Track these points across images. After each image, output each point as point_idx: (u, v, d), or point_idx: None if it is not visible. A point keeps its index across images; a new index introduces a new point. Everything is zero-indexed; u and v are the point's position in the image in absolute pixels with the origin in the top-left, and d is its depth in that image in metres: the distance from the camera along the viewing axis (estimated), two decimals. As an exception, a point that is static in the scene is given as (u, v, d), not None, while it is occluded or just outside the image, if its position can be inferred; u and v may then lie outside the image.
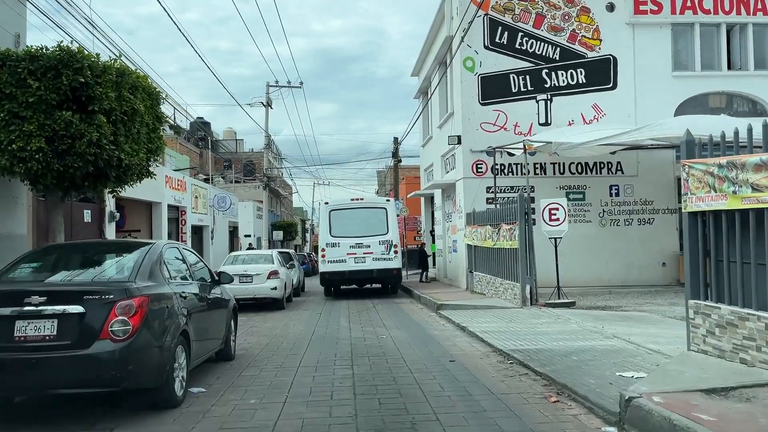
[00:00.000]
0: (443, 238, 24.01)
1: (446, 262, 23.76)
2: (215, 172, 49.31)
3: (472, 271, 18.86)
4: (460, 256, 20.60)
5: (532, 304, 13.75)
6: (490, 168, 19.84)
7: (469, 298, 16.65)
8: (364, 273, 20.33)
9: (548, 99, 20.02)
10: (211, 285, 8.41)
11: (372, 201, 22.55)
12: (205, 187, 23.44)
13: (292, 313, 16.55)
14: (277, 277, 16.86)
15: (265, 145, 36.40)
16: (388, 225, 20.82)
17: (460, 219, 20.37)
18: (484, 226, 17.26)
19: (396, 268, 20.61)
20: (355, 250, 20.34)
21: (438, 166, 24.15)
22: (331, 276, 20.48)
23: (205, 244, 23.47)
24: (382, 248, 20.50)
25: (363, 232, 20.59)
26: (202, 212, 22.49)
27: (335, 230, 20.78)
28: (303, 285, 24.82)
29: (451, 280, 22.52)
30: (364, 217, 20.96)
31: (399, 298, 20.79)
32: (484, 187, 19.73)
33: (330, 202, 21.65)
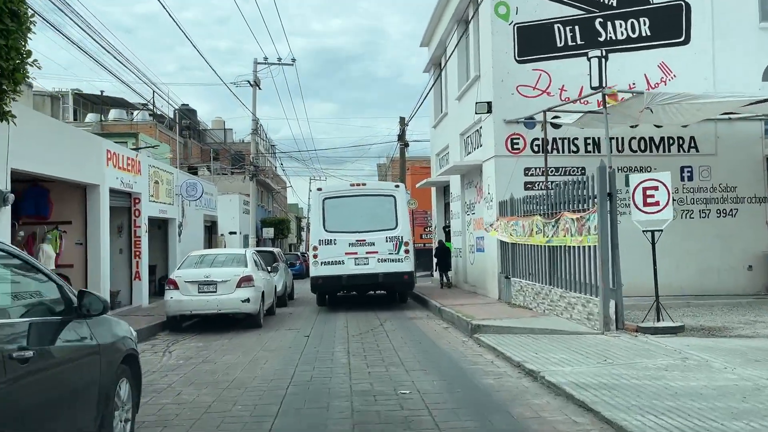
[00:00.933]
0: (462, 234, 19.53)
1: (466, 264, 19.28)
2: (201, 163, 44.84)
3: (508, 276, 14.38)
4: (489, 256, 16.12)
5: (618, 328, 9.29)
6: (529, 143, 15.39)
7: (511, 314, 12.16)
8: (367, 278, 15.89)
9: (603, 56, 15.55)
10: (63, 321, 3.94)
11: (377, 187, 17.90)
12: (171, 172, 18.91)
13: (270, 333, 12.06)
14: (250, 286, 12.38)
15: (253, 130, 31.88)
16: (398, 217, 16.32)
17: (489, 210, 15.88)
18: (529, 216, 12.80)
19: (407, 271, 16.11)
20: (356, 248, 15.83)
21: (456, 147, 19.66)
22: (326, 282, 16.04)
23: (171, 242, 18.97)
24: (390, 246, 15.98)
25: (366, 226, 16.07)
26: (165, 201, 17.96)
27: (331, 223, 16.25)
28: (292, 291, 20.34)
29: (474, 287, 18.04)
30: (367, 207, 16.41)
31: (411, 309, 16.31)
32: (521, 169, 15.28)
33: (324, 189, 17.12)
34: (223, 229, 33.30)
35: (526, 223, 12.90)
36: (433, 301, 15.59)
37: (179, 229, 19.24)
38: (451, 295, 17.40)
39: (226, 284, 12.27)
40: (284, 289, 17.85)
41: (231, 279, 12.31)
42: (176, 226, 19.04)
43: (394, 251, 15.95)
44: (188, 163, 45.34)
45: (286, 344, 10.65)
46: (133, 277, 15.93)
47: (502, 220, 14.71)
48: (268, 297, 14.02)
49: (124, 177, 14.88)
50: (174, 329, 12.70)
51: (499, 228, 14.73)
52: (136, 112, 40.53)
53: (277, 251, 18.89)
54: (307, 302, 19.15)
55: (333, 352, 9.65)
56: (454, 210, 20.68)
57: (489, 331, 10.35)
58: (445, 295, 17.24)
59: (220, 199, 33.28)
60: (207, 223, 24.10)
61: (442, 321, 13.26)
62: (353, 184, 17.08)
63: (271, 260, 17.84)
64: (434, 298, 16.25)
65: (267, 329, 12.71)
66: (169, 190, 18.56)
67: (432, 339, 10.78)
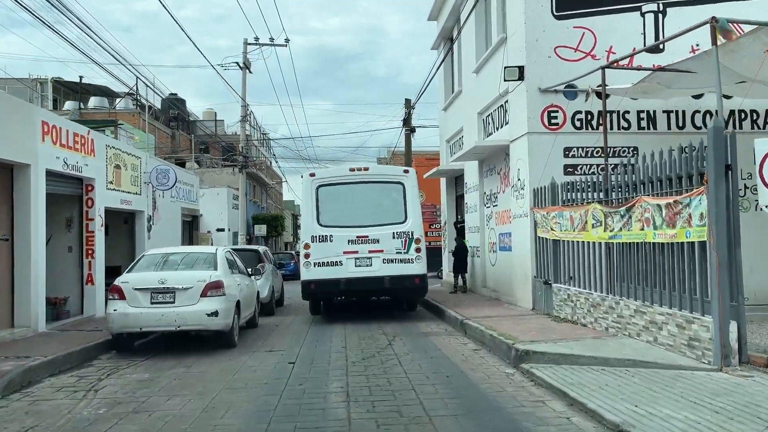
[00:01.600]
0: (480, 230, 16.58)
1: (485, 266, 16.34)
2: (190, 155, 41.84)
3: (548, 282, 11.43)
4: (518, 256, 13.17)
5: (742, 362, 6.34)
6: (570, 117, 12.45)
7: (563, 333, 9.21)
8: (370, 282, 12.92)
9: (660, 10, 12.62)
10: None
11: (381, 172, 14.65)
12: (139, 156, 15.91)
13: (244, 358, 9.11)
14: (219, 294, 9.43)
15: (242, 117, 28.90)
16: (407, 208, 13.33)
17: (519, 199, 12.94)
18: (579, 206, 9.87)
19: (419, 274, 13.11)
20: (357, 246, 12.93)
21: (472, 128, 16.71)
22: (319, 287, 13.03)
23: (138, 239, 16.00)
24: (398, 244, 13.04)
25: (368, 220, 13.17)
26: (130, 190, 14.99)
27: (326, 216, 13.30)
28: (281, 296, 17.38)
29: (496, 292, 15.10)
30: (370, 196, 13.45)
31: (422, 319, 13.38)
32: (560, 149, 12.34)
33: (317, 174, 13.98)
34: (210, 225, 30.40)
35: (576, 214, 9.97)
36: (450, 311, 12.65)
37: (149, 224, 16.27)
38: (469, 302, 14.46)
39: (187, 293, 9.31)
40: (271, 295, 14.91)
41: (194, 286, 9.35)
42: (145, 220, 16.06)
43: (403, 250, 13.03)
44: (176, 156, 42.45)
45: (262, 377, 7.70)
46: (85, 280, 12.98)
47: (538, 211, 11.78)
48: (246, 307, 11.07)
49: (70, 157, 11.91)
50: (122, 350, 9.75)
51: (538, 221, 11.78)
52: (119, 99, 37.51)
53: (262, 250, 15.93)
54: (298, 309, 16.20)
55: (326, 393, 6.71)
56: (470, 203, 17.72)
57: (542, 360, 7.43)
58: (461, 303, 14.30)
59: (207, 193, 30.38)
60: (187, 218, 21.13)
61: (466, 339, 10.32)
62: (353, 169, 13.86)
63: (254, 260, 14.90)
64: (451, 307, 13.32)
65: (242, 350, 9.76)
66: (136, 177, 15.60)
67: (462, 370, 7.83)
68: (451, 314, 12.31)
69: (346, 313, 14.78)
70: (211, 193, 30.30)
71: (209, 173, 35.59)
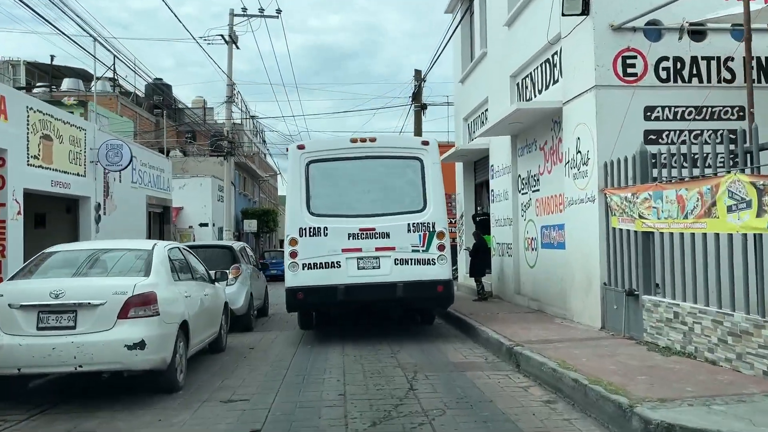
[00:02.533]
0: (514, 223, 13.15)
1: (519, 267, 12.92)
2: (177, 144, 38.36)
3: (634, 292, 7.95)
4: (578, 255, 9.73)
5: None
6: (652, 66, 9.06)
7: (690, 378, 5.84)
8: (378, 290, 9.44)
9: None
10: None
11: (393, 144, 10.50)
12: (83, 127, 12.45)
13: (182, 416, 5.70)
14: (148, 314, 6.01)
15: (227, 98, 25.43)
16: (427, 192, 9.81)
17: (581, 179, 9.52)
18: (703, 180, 6.44)
19: (443, 280, 9.62)
20: (360, 242, 9.51)
21: (503, 95, 13.28)
22: (310, 297, 9.55)
23: (82, 232, 12.57)
24: (415, 239, 9.59)
25: (375, 207, 9.77)
26: (68, 170, 11.58)
27: (319, 202, 9.84)
28: (265, 304, 13.97)
29: (537, 301, 11.68)
30: (378, 175, 9.98)
31: (446, 338, 10.02)
32: (640, 108, 8.96)
33: (308, 146, 10.29)
34: (192, 220, 26.99)
35: (691, 192, 6.55)
36: (486, 330, 9.24)
37: (97, 214, 12.81)
38: (504, 315, 11.07)
39: (96, 312, 5.88)
40: (248, 305, 11.47)
41: (108, 301, 5.91)
42: (91, 209, 12.60)
43: (422, 247, 9.59)
44: (159, 145, 38.91)
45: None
46: (-7, 287, 9.45)
47: (614, 193, 8.35)
48: (202, 328, 7.66)
49: (-39, 116, 8.41)
50: (4, 398, 6.29)
51: (613, 206, 8.36)
52: (94, 81, 33.97)
53: (238, 247, 12.43)
54: (286, 321, 12.84)
55: None
56: (498, 189, 14.27)
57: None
58: (495, 316, 10.92)
59: (189, 183, 27.00)
60: (155, 209, 17.66)
61: (523, 378, 6.91)
62: (355, 140, 10.13)
63: (227, 261, 11.47)
64: (484, 322, 9.94)
65: (187, 398, 6.35)
66: (78, 153, 12.16)
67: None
68: (490, 335, 8.88)
69: (344, 326, 11.41)
70: (193, 184, 26.93)
71: (194, 162, 32.07)
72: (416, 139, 12.52)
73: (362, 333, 10.62)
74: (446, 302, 9.99)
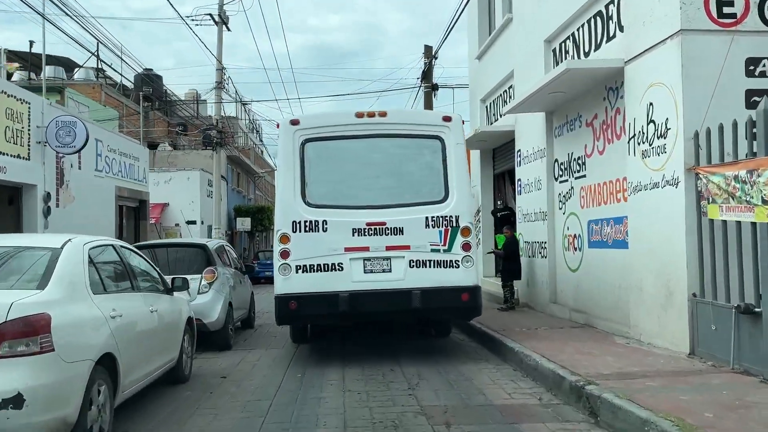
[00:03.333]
0: (549, 218, 10.90)
1: (556, 270, 10.66)
2: (167, 138, 36.11)
3: (753, 309, 5.66)
4: (649, 256, 7.45)
5: None
6: (757, 4, 6.76)
7: None
8: (390, 299, 7.59)
9: None
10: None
11: (408, 120, 8.48)
12: (25, 99, 10.19)
13: None
14: (37, 350, 3.80)
15: (217, 84, 23.16)
16: (449, 179, 7.96)
17: (655, 157, 7.25)
18: None
19: (470, 287, 7.74)
20: (367, 240, 7.72)
21: (536, 64, 11.02)
22: (305, 307, 7.69)
23: (27, 227, 10.27)
24: (434, 236, 7.76)
25: (386, 197, 7.95)
26: (8, 151, 9.33)
27: (317, 190, 7.99)
28: (250, 316, 11.72)
29: (584, 314, 9.41)
30: (390, 158, 8.14)
31: (474, 360, 7.89)
32: (742, 60, 6.64)
33: (303, 121, 8.23)
34: (179, 217, 24.70)
35: None
36: (532, 354, 7.01)
37: (46, 205, 10.54)
38: (545, 330, 8.85)
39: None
40: (225, 317, 9.19)
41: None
42: (38, 199, 10.32)
43: (443, 245, 7.73)
44: (149, 138, 36.61)
45: None
46: None
47: (713, 172, 6.08)
48: (147, 359, 5.46)
49: None
50: None
51: (719, 189, 6.06)
52: (77, 69, 31.78)
53: (214, 246, 9.99)
54: (274, 335, 10.63)
55: None
56: (526, 178, 12.01)
57: None
58: (534, 332, 8.70)
59: (176, 176, 24.73)
60: (128, 202, 15.40)
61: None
62: (362, 114, 8.11)
63: (198, 263, 9.21)
64: (523, 341, 7.76)
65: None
66: (21, 131, 9.88)
67: None
68: (540, 363, 6.60)
69: (345, 339, 9.33)
70: (179, 177, 24.64)
71: (183, 156, 29.77)
72: (436, 113, 10.45)
73: (367, 350, 8.53)
74: (472, 313, 8.02)
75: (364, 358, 7.95)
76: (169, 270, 8.96)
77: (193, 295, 8.82)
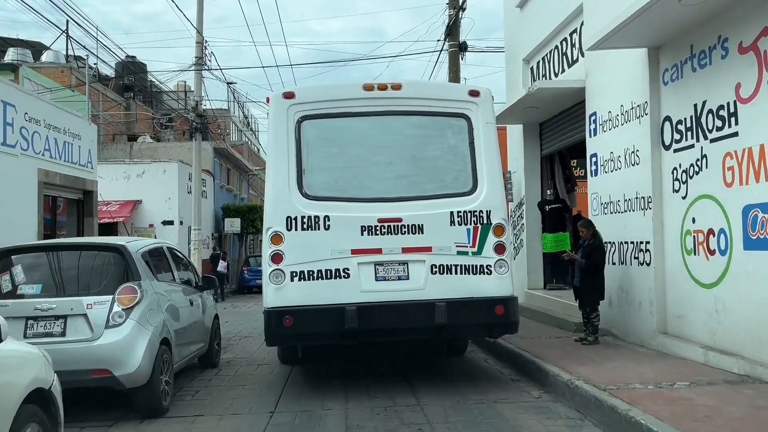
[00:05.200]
0: (655, 205, 7.25)
1: (666, 285, 7.06)
2: (148, 131, 32.50)
3: None
4: None
5: None
6: None
7: None
8: (407, 314, 6.09)
9: None
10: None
11: (426, 93, 6.78)
12: None
13: None
14: None
15: (196, 60, 19.54)
16: (478, 166, 6.51)
17: None
18: None
19: (505, 297, 6.24)
20: (378, 240, 6.15)
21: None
22: (303, 323, 6.02)
23: None
24: (461, 236, 6.30)
25: (400, 187, 6.48)
26: None
27: (316, 179, 6.49)
28: (213, 348, 8.00)
29: (745, 360, 5.73)
30: (404, 139, 6.61)
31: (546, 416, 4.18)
32: None
33: (299, 94, 6.54)
34: (154, 217, 21.08)
35: None
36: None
37: None
38: (689, 388, 5.22)
39: None
40: (151, 365, 5.52)
41: None
42: None
43: (471, 247, 6.37)
44: (129, 132, 33.04)
45: None
46: None
47: None
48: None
49: None
50: None
51: None
52: (45, 51, 28.28)
53: (138, 249, 5.89)
54: (246, 377, 7.25)
55: None
56: (608, 152, 8.39)
57: None
58: (678, 395, 5.03)
59: (150, 169, 21.14)
60: (68, 193, 11.76)
61: None
62: (371, 87, 6.64)
63: (110, 277, 5.60)
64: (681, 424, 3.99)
65: None
66: None
67: None
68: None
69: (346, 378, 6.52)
70: (154, 171, 21.05)
71: (164, 149, 26.14)
72: (461, 87, 8.84)
73: (373, 390, 5.87)
74: (508, 329, 6.58)
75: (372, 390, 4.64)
76: (57, 288, 5.42)
77: (97, 330, 5.28)
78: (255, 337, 10.69)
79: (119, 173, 20.90)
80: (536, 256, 11.77)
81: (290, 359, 7.85)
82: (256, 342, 9.99)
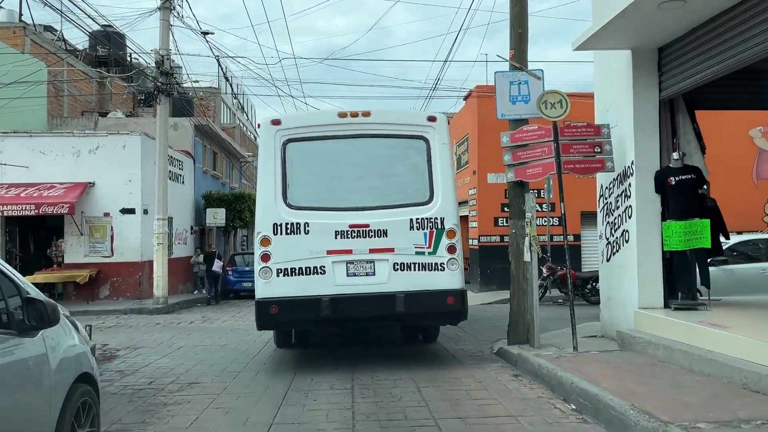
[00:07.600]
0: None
1: None
2: (121, 107, 28.21)
3: None
4: None
5: None
6: None
7: None
8: (374, 303, 7.67)
9: None
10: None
11: (391, 119, 8.35)
12: None
13: None
14: None
15: (162, 2, 15.24)
16: (434, 180, 8.05)
17: None
18: None
19: (456, 290, 7.77)
20: (350, 242, 7.75)
21: None
22: (287, 312, 7.65)
23: None
24: (419, 239, 7.79)
25: (369, 199, 7.97)
26: None
27: (298, 192, 7.98)
28: (80, 418, 3.98)
29: None
30: (374, 159, 8.08)
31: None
32: None
33: (284, 121, 8.19)
34: (110, 203, 16.80)
35: None
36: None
37: None
38: None
39: None
40: None
41: None
42: None
43: (428, 248, 7.79)
44: (100, 109, 28.78)
45: None
46: None
47: None
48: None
49: None
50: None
51: None
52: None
53: None
54: None
55: None
56: None
57: None
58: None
59: (105, 144, 17.25)
60: None
61: None
62: (344, 114, 8.14)
63: None
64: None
65: None
66: None
67: None
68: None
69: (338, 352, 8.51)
70: (110, 145, 17.13)
71: (135, 123, 21.78)
72: (420, 114, 9.99)
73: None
74: (457, 316, 8.11)
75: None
76: None
77: None
78: (207, 385, 6.50)
79: (66, 148, 16.86)
80: (652, 257, 7.49)
81: (285, 344, 9.44)
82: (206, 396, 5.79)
